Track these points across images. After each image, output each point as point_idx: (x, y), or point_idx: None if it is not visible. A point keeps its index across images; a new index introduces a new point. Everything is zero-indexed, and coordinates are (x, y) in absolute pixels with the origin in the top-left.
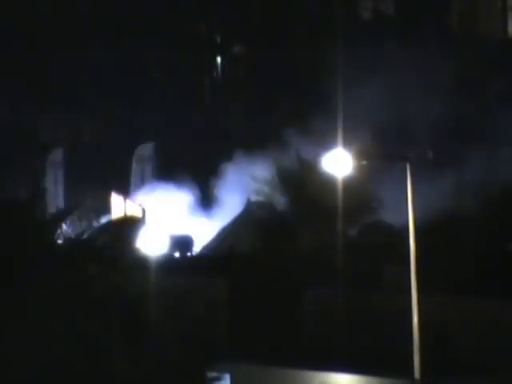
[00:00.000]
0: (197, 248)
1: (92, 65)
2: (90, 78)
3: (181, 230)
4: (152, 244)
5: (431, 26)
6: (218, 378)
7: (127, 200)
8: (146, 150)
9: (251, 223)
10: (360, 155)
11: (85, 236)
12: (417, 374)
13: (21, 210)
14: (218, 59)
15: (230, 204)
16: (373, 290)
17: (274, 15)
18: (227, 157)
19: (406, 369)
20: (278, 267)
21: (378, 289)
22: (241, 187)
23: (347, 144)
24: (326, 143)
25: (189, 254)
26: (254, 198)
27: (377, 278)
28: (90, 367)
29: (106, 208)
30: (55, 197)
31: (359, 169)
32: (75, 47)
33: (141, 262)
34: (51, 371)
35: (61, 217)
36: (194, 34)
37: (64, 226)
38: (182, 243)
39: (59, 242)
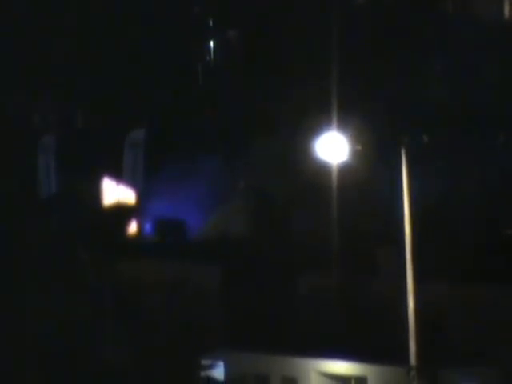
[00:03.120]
0: (189, 233)
1: (83, 50)
2: (82, 63)
3: (172, 215)
4: (144, 229)
5: (427, 9)
6: (213, 366)
7: (120, 186)
8: (138, 135)
9: (245, 209)
10: (354, 140)
11: (77, 222)
12: (413, 360)
13: (14, 196)
14: (211, 43)
15: (224, 189)
16: (370, 275)
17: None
18: (220, 142)
19: (402, 355)
20: (272, 253)
21: (375, 275)
22: (234, 173)
23: (342, 128)
24: (322, 128)
25: (180, 239)
26: (247, 183)
27: (374, 264)
28: (84, 352)
29: (98, 194)
30: (47, 183)
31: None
32: (66, 32)
33: (133, 248)
34: (42, 354)
35: (53, 203)
36: (186, 17)
37: (56, 212)
38: (173, 228)
39: (52, 227)
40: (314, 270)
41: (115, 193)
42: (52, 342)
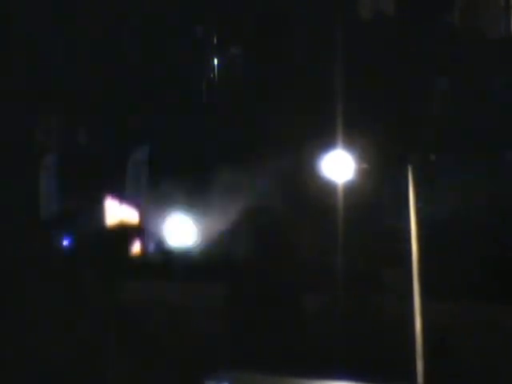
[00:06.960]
0: (192, 252)
1: (85, 66)
2: (84, 80)
3: (175, 234)
4: (147, 248)
5: (432, 25)
6: None
7: (123, 205)
8: (141, 153)
9: (248, 228)
10: (360, 158)
11: (80, 242)
12: (420, 380)
13: (15, 216)
14: (215, 60)
15: (227, 208)
16: (374, 293)
17: (272, 14)
18: (223, 161)
19: (408, 375)
20: (276, 273)
21: (379, 293)
22: (239, 191)
23: (347, 147)
24: (327, 145)
25: (183, 258)
26: (251, 202)
27: (378, 282)
28: (85, 371)
29: (101, 213)
30: (48, 202)
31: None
32: (68, 48)
33: (135, 268)
34: (46, 374)
35: (55, 222)
36: (190, 34)
37: (58, 232)
38: (176, 247)
39: (54, 247)
40: (319, 289)
41: (118, 212)
42: (53, 360)
